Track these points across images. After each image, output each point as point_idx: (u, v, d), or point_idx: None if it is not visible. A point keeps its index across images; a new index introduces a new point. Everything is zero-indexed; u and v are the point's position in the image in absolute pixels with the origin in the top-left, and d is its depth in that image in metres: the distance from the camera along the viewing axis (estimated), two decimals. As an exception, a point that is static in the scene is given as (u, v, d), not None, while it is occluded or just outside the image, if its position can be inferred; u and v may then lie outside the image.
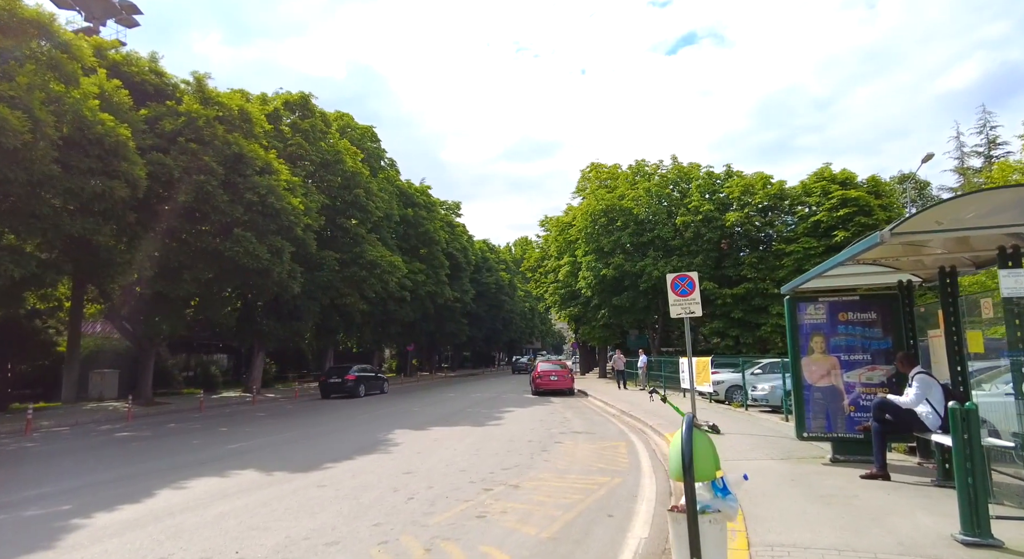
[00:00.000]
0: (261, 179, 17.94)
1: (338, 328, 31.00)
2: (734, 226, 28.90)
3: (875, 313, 7.98)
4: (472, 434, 12.66)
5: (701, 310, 12.12)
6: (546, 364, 25.99)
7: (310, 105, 26.93)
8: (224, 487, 7.81)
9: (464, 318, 50.23)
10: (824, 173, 27.85)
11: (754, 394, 16.59)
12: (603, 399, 21.30)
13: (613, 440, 11.67)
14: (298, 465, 9.23)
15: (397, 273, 28.69)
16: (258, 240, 18.15)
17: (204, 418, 17.14)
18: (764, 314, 27.70)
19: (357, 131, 33.61)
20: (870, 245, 4.94)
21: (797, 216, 28.85)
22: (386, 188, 33.60)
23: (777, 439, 10.32)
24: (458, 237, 47.14)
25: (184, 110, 16.76)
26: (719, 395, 18.85)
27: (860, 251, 5.36)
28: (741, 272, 28.58)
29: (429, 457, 9.80)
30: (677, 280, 12.16)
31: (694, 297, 11.96)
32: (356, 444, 11.44)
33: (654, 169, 33.54)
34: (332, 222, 27.91)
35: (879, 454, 6.71)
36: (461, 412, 17.83)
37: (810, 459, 8.30)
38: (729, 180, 30.73)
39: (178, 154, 16.16)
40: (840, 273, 7.65)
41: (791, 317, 8.30)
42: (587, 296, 34.07)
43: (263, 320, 24.87)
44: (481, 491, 7.32)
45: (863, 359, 7.96)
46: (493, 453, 10.09)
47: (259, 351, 26.77)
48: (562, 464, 9.05)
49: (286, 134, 25.60)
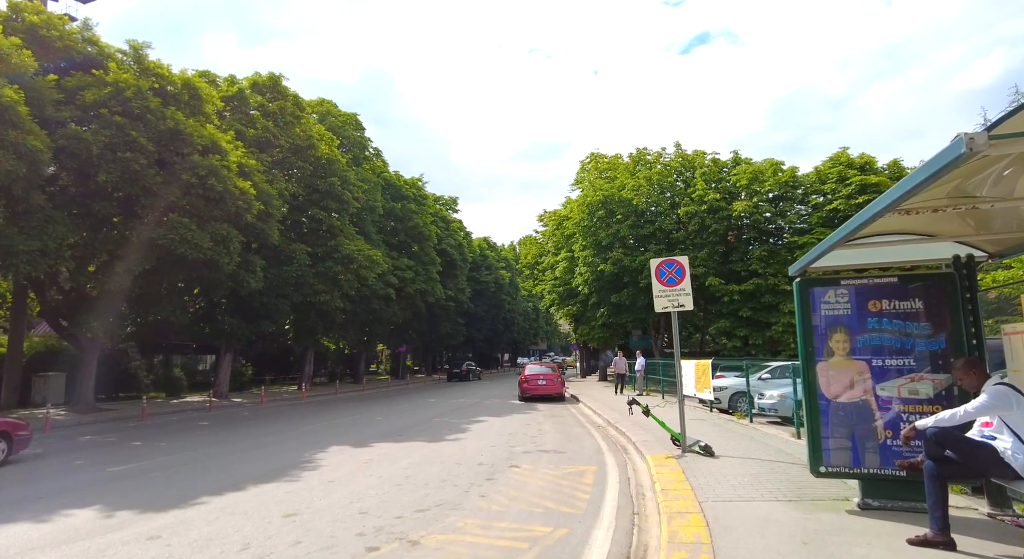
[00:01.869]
0: (203, 159, 15.91)
1: (316, 328, 28.96)
2: (742, 217, 26.51)
3: (920, 300, 5.72)
4: (415, 453, 10.50)
5: (692, 303, 9.86)
6: (535, 367, 23.77)
7: (280, 87, 24.93)
8: (19, 541, 5.73)
9: (461, 318, 48.13)
10: (840, 158, 25.36)
11: (760, 403, 14.29)
12: (593, 406, 19.08)
13: (582, 463, 9.47)
14: (161, 501, 7.13)
15: (376, 268, 26.60)
16: (199, 227, 16.13)
17: (136, 428, 15.14)
18: (775, 312, 25.31)
19: (339, 118, 31.61)
20: (947, 163, 2.72)
21: (811, 205, 26.41)
22: (369, 178, 31.56)
23: (786, 467, 8.06)
24: (453, 233, 45.02)
25: (111, 80, 14.78)
26: (721, 403, 16.53)
27: (926, 180, 3.13)
28: (749, 267, 26.19)
29: (337, 489, 7.67)
30: (663, 266, 9.95)
31: (683, 287, 9.73)
32: (267, 466, 9.34)
33: (656, 157, 31.11)
34: (304, 213, 25.92)
35: (937, 510, 4.45)
36: (425, 423, 15.68)
37: (830, 502, 6.06)
38: (736, 167, 28.31)
39: (100, 128, 14.18)
40: (875, 237, 5.42)
41: (802, 307, 6.07)
42: (584, 294, 31.82)
43: (226, 319, 22.88)
44: (362, 552, 5.18)
45: (904, 365, 5.72)
46: (423, 484, 7.93)
47: (226, 352, 24.79)
48: (500, 502, 6.88)
49: (255, 118, 23.64)
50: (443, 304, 42.36)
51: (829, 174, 25.17)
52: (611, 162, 33.62)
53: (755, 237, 27.50)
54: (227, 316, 22.92)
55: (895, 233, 5.49)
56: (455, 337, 48.84)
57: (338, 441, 12.12)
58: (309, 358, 31.23)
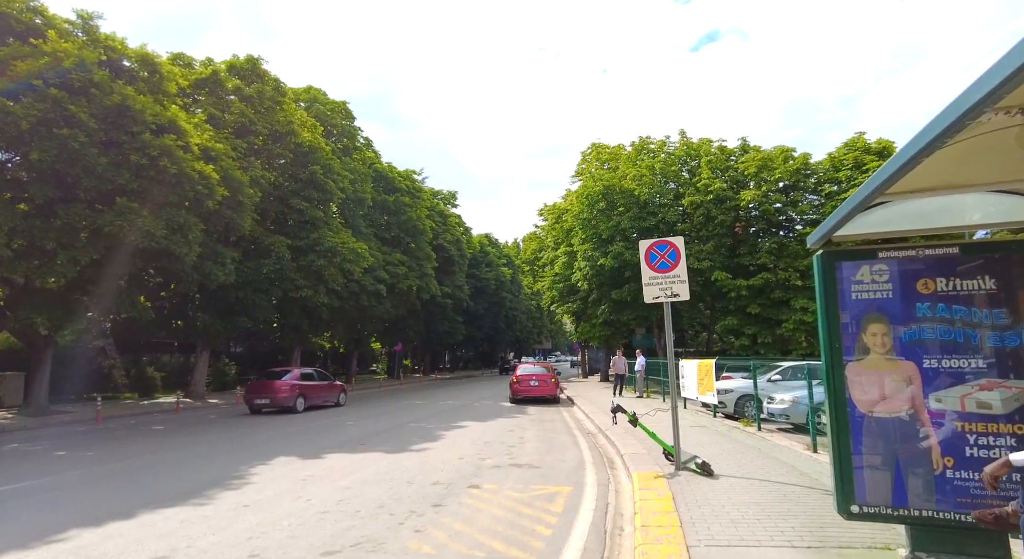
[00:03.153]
0: (155, 139, 14.50)
1: (301, 325, 27.59)
2: (750, 207, 24.87)
3: (993, 279, 4.17)
4: (368, 468, 9.03)
5: (688, 292, 8.31)
6: (527, 367, 22.25)
7: (259, 69, 23.55)
8: None
9: (459, 316, 46.66)
10: (856, 143, 23.64)
11: (770, 407, 12.70)
12: (587, 410, 17.57)
13: (556, 482, 7.95)
14: (9, 539, 5.70)
15: (362, 262, 25.16)
16: (153, 214, 14.74)
17: (83, 434, 13.80)
18: (785, 309, 23.67)
19: (327, 106, 30.18)
20: None
21: (824, 194, 24.70)
22: (358, 169, 30.15)
23: (802, 493, 6.52)
24: (451, 228, 43.53)
25: (49, 50, 13.41)
26: (727, 407, 14.95)
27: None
28: (758, 260, 24.55)
29: (246, 517, 6.22)
30: (654, 249, 8.41)
31: (677, 272, 8.19)
32: (185, 484, 7.90)
33: (660, 146, 29.42)
34: (285, 203, 24.53)
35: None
36: (397, 429, 14.21)
37: (863, 551, 4.52)
38: (744, 156, 26.63)
39: (33, 102, 12.81)
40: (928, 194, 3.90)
41: (826, 288, 4.53)
42: (584, 290, 30.27)
43: (198, 315, 21.53)
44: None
45: (969, 367, 4.17)
46: (353, 511, 6.46)
47: (202, 351, 23.47)
48: (436, 541, 5.38)
49: (231, 103, 22.26)
50: (440, 301, 40.91)
51: (844, 161, 23.47)
52: (613, 152, 31.95)
53: (764, 229, 25.85)
54: (200, 312, 21.56)
55: (958, 188, 3.96)
56: (454, 335, 47.37)
57: (289, 451, 10.69)
58: (296, 357, 29.87)
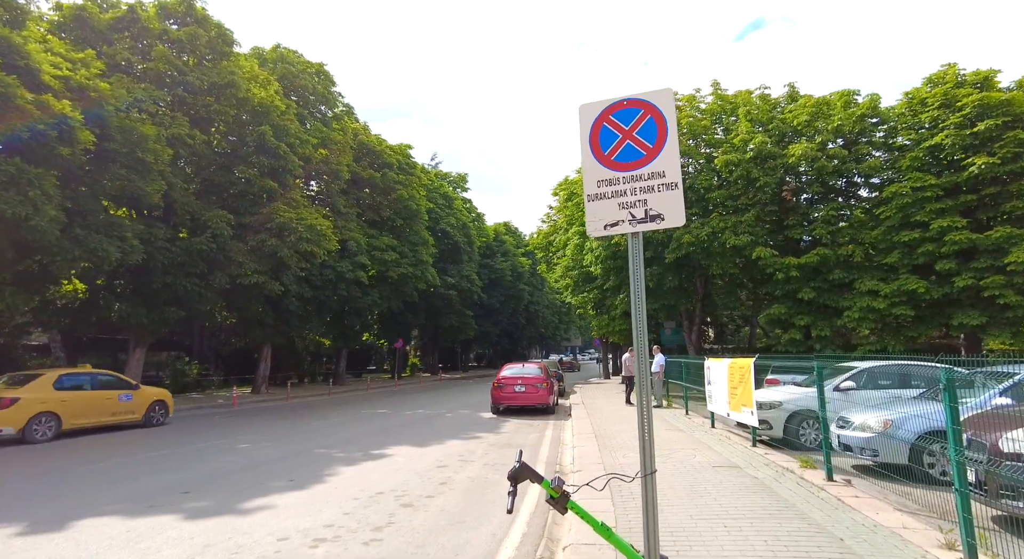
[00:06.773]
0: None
1: (265, 319, 23.72)
2: (800, 167, 19.67)
3: None
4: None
5: (684, 215, 3.65)
6: (513, 368, 17.64)
7: (196, 11, 19.63)
8: None
9: (469, 309, 42.29)
10: (945, 76, 18.12)
11: (844, 436, 7.92)
12: (580, 427, 12.95)
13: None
14: None
15: (323, 242, 21.02)
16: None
17: None
18: (848, 293, 18.48)
19: (297, 66, 26.19)
20: None
21: (897, 147, 19.31)
22: (335, 138, 26.07)
23: None
24: (456, 212, 39.20)
25: None
26: (772, 428, 10.12)
27: None
28: (813, 232, 19.36)
29: None
30: (608, 120, 3.76)
31: (660, 166, 3.54)
32: None
33: (689, 100, 24.29)
34: (231, 172, 20.59)
35: None
36: (273, 463, 9.91)
37: None
38: (792, 104, 21.39)
39: None
40: None
41: None
42: (598, 276, 25.53)
43: (115, 304, 17.77)
44: None
45: None
46: None
47: (135, 347, 19.74)
48: None
49: (154, 48, 18.41)
50: (443, 293, 36.67)
51: (928, 100, 18.03)
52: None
53: (820, 193, 20.57)
54: (115, 301, 17.80)
55: None
56: (463, 331, 43.01)
57: (34, 514, 6.50)
58: (265, 355, 26.02)
